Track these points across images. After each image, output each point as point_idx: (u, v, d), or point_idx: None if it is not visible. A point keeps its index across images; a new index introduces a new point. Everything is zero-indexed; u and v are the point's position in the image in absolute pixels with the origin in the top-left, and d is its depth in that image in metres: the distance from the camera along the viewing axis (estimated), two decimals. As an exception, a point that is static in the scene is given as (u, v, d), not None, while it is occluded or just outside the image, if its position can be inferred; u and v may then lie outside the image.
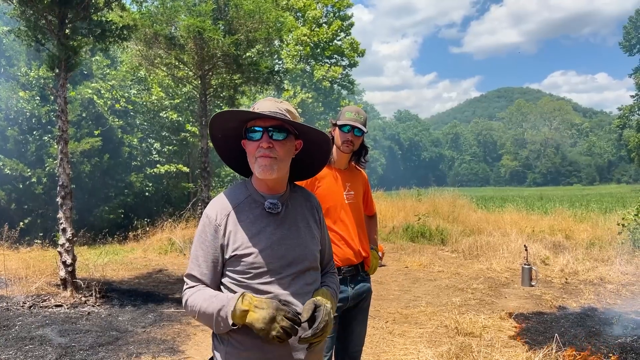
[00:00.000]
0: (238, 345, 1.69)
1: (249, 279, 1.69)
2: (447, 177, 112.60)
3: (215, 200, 1.81)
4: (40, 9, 6.58)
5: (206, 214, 1.77)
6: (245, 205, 1.77)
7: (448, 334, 5.48)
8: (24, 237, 11.98)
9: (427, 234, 13.51)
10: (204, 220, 1.76)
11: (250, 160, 1.76)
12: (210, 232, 1.73)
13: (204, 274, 1.73)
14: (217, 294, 1.68)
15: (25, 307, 6.40)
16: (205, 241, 1.73)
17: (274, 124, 1.71)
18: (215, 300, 1.65)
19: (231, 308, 1.60)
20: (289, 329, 1.57)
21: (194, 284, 1.74)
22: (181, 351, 5.03)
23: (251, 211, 1.76)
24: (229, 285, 1.72)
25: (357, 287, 2.91)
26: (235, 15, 10.41)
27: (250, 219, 1.74)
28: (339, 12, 31.28)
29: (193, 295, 1.70)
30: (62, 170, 6.82)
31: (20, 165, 12.24)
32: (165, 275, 9.05)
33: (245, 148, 1.77)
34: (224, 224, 1.72)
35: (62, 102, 6.91)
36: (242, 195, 1.80)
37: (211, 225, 1.73)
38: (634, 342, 4.90)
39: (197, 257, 1.74)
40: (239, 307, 1.59)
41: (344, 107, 3.06)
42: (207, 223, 1.74)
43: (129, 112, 15.22)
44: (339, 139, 2.95)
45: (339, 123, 2.95)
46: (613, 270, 8.73)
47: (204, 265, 1.73)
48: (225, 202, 1.78)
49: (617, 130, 59.36)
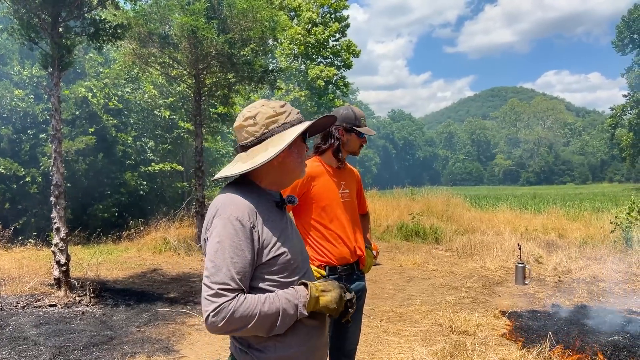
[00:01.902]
0: (287, 348, 1.66)
1: (285, 277, 1.68)
2: (441, 176, 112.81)
3: (235, 202, 1.67)
4: (33, 7, 6.55)
5: (235, 217, 1.62)
6: (262, 205, 1.71)
7: (442, 333, 5.50)
8: (17, 236, 11.92)
9: (421, 233, 13.54)
10: (235, 224, 1.61)
11: (299, 161, 1.81)
12: (246, 236, 1.61)
13: (243, 282, 1.59)
14: (266, 295, 1.62)
15: (18, 307, 6.38)
16: (241, 246, 1.60)
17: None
18: (275, 300, 1.60)
19: (304, 299, 1.63)
20: (353, 301, 1.73)
21: (232, 295, 1.55)
22: (176, 350, 5.03)
23: (268, 210, 1.73)
24: (267, 288, 1.66)
25: (352, 286, 2.92)
26: (229, 14, 10.39)
27: (272, 217, 1.72)
28: (335, 12, 31.23)
29: (243, 304, 1.55)
30: (56, 170, 6.79)
31: (14, 164, 12.17)
32: (159, 274, 9.03)
33: (297, 150, 1.81)
34: (257, 226, 1.65)
35: (56, 101, 6.88)
36: (254, 194, 1.73)
37: (246, 229, 1.61)
38: (626, 340, 4.93)
39: (233, 265, 1.58)
40: (313, 295, 1.64)
41: (348, 108, 3.08)
42: (240, 227, 1.61)
43: (123, 110, 15.15)
44: (356, 143, 3.05)
45: (362, 130, 3.02)
46: (606, 268, 8.79)
47: (242, 273, 1.59)
48: (248, 202, 1.67)
49: (609, 129, 59.60)
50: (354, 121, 3.01)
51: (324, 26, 30.57)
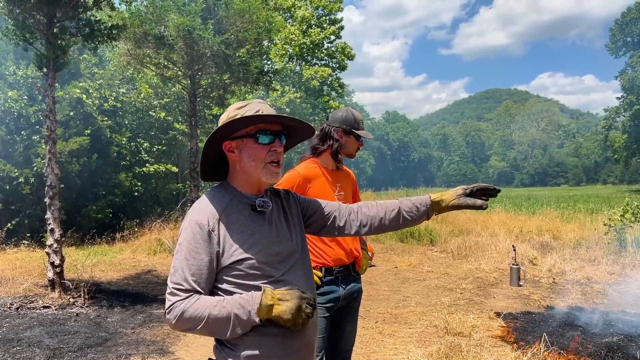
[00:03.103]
0: (256, 347, 1.65)
1: (251, 280, 1.67)
2: (435, 177, 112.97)
3: (200, 206, 1.73)
4: (28, 7, 6.53)
5: (195, 221, 1.67)
6: (232, 208, 1.73)
7: (437, 334, 5.51)
8: (11, 237, 11.86)
9: (416, 234, 13.56)
10: (194, 228, 1.66)
11: (254, 163, 1.73)
12: (203, 239, 1.65)
13: (197, 283, 1.62)
14: (222, 298, 1.63)
15: (12, 308, 6.35)
16: (198, 249, 1.64)
17: (280, 129, 1.76)
18: (227, 304, 1.60)
19: (256, 305, 1.59)
20: (311, 314, 1.64)
21: (185, 295, 1.61)
22: (171, 352, 5.01)
23: (240, 213, 1.73)
24: (230, 289, 1.67)
25: (348, 287, 2.93)
26: (225, 15, 10.40)
27: (241, 221, 1.72)
28: (329, 14, 31.28)
29: (193, 305, 1.59)
30: (50, 171, 6.77)
31: (8, 165, 12.10)
32: (154, 276, 9.01)
33: (243, 151, 1.75)
34: (217, 230, 1.67)
35: (51, 102, 6.85)
36: (226, 198, 1.75)
37: (204, 232, 1.65)
38: (620, 341, 4.95)
39: (189, 267, 1.63)
40: (265, 303, 1.58)
41: (347, 111, 3.09)
42: (198, 230, 1.65)
43: (118, 111, 15.11)
44: (354, 146, 3.06)
45: (360, 134, 3.02)
46: (600, 270, 8.83)
47: (197, 275, 1.63)
48: (213, 206, 1.71)
49: (603, 131, 59.90)
50: (353, 124, 3.02)
51: (319, 28, 30.61)
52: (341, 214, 1.99)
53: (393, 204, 1.97)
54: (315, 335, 1.82)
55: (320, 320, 2.79)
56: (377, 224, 1.97)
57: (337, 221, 1.98)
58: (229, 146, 1.76)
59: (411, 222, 1.96)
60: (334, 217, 1.98)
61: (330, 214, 1.99)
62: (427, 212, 1.93)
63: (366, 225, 1.97)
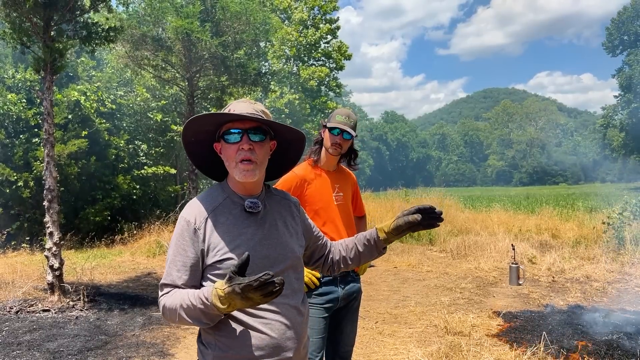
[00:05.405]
0: (226, 349, 1.66)
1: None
2: (434, 177, 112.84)
3: (191, 204, 1.77)
4: (24, 11, 6.52)
5: (184, 218, 1.72)
6: (223, 208, 1.74)
7: (437, 334, 5.52)
8: (10, 241, 11.85)
9: (415, 234, 13.54)
10: (182, 225, 1.71)
11: (229, 163, 1.74)
12: (190, 237, 1.68)
13: (182, 279, 1.66)
14: (193, 292, 1.59)
15: (12, 312, 6.34)
16: (184, 246, 1.68)
17: (252, 126, 1.71)
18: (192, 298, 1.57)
19: (212, 288, 1.52)
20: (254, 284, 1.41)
21: (169, 289, 1.67)
22: (171, 354, 5.01)
23: (230, 213, 1.74)
24: None
25: (347, 288, 2.93)
26: (223, 17, 10.40)
27: (231, 220, 1.72)
28: (325, 14, 31.29)
29: (170, 299, 1.63)
30: (49, 174, 6.76)
31: (7, 169, 12.10)
32: (153, 278, 9.00)
33: (222, 151, 1.76)
34: (203, 228, 1.69)
35: (49, 105, 6.85)
36: (220, 197, 1.77)
37: (190, 230, 1.69)
38: (619, 339, 4.96)
39: (174, 262, 1.68)
40: (214, 303, 1.50)
41: (335, 110, 3.07)
42: (186, 227, 1.69)
43: (115, 114, 15.10)
44: (328, 141, 2.97)
45: (329, 125, 2.96)
46: (599, 268, 8.84)
47: (182, 271, 1.67)
48: (203, 205, 1.74)
49: (601, 130, 59.91)
50: (330, 119, 3.00)
51: (315, 28, 30.64)
52: (324, 257, 2.07)
53: (350, 241, 2.05)
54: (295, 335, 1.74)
55: (319, 320, 2.79)
56: (343, 264, 2.06)
57: (320, 260, 2.07)
58: (218, 148, 1.78)
59: (369, 254, 2.01)
60: (320, 257, 2.06)
61: (321, 255, 2.07)
62: (375, 240, 1.97)
63: (335, 268, 2.08)
